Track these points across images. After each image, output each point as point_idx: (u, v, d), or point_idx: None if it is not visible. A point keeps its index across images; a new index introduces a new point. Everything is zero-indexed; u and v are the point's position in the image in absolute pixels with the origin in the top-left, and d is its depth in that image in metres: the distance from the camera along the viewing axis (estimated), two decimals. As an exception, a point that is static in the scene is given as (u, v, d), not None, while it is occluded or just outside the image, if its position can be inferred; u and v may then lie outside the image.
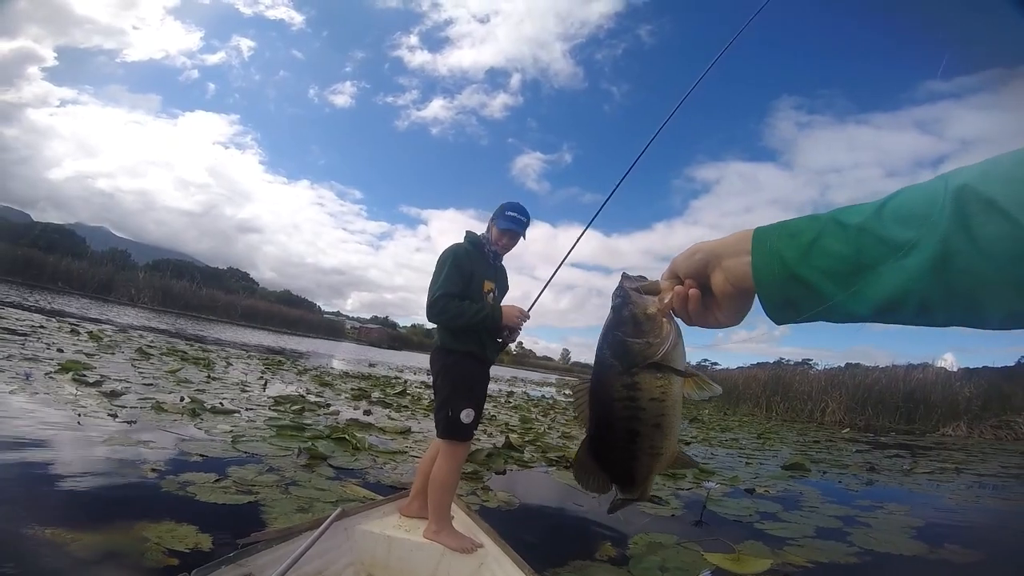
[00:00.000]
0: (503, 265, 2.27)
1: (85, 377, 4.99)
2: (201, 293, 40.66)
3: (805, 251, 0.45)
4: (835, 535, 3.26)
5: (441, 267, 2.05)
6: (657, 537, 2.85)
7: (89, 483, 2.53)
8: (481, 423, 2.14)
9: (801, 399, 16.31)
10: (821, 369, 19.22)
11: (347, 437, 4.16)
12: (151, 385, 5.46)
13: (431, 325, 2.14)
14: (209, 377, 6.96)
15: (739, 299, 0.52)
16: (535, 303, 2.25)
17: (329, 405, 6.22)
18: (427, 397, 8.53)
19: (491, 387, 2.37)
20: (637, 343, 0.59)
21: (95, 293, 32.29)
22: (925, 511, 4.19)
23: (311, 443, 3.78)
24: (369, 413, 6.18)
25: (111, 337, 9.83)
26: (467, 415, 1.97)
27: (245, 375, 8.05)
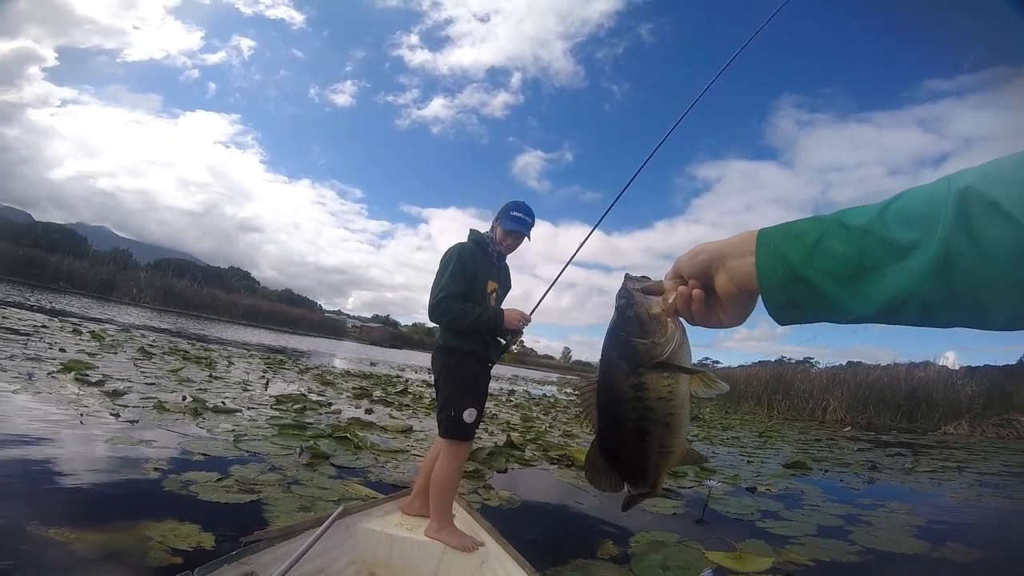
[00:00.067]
0: (506, 264, 2.27)
1: (87, 377, 5.00)
2: (202, 292, 40.69)
3: (809, 252, 0.45)
4: (837, 533, 3.26)
5: (445, 267, 2.05)
6: (659, 535, 2.86)
7: (92, 482, 2.54)
8: (482, 422, 2.14)
9: (802, 397, 16.27)
10: (822, 367, 19.16)
11: (349, 436, 4.17)
12: (153, 384, 5.47)
13: (432, 324, 2.14)
14: (211, 376, 6.98)
15: (743, 300, 0.53)
16: (536, 307, 2.24)
17: (331, 404, 6.23)
18: (428, 396, 8.54)
19: (492, 386, 2.37)
20: (643, 343, 0.59)
21: (97, 293, 32.36)
22: (927, 510, 4.19)
23: (313, 442, 3.79)
24: (371, 412, 6.19)
25: (113, 337, 9.86)
26: (470, 415, 1.97)
27: (247, 374, 8.06)
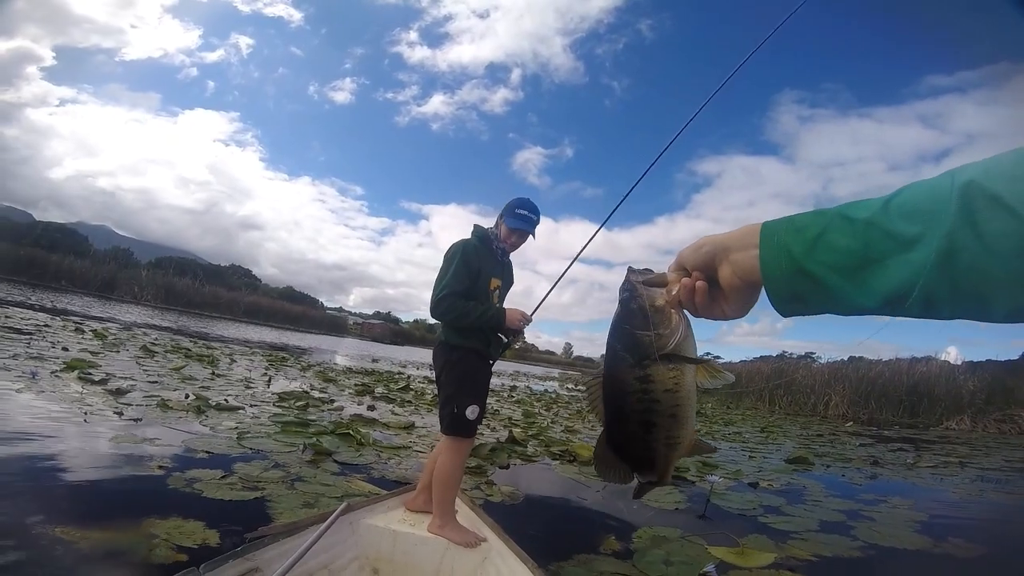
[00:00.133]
0: (510, 260, 2.26)
1: (90, 375, 5.02)
2: (204, 290, 40.83)
3: (812, 245, 0.46)
4: (839, 529, 3.26)
5: (448, 264, 2.04)
6: (661, 531, 2.86)
7: (96, 480, 2.55)
8: (484, 418, 2.15)
9: (804, 392, 16.27)
10: (824, 362, 19.16)
11: (351, 433, 4.18)
12: (156, 383, 5.49)
13: (433, 320, 2.14)
14: (213, 374, 6.99)
15: (746, 292, 0.53)
16: (538, 307, 2.25)
17: (333, 401, 6.25)
18: (430, 392, 8.56)
19: (494, 382, 2.37)
20: (647, 335, 0.59)
21: (98, 291, 32.45)
22: (929, 505, 4.19)
23: (316, 439, 3.80)
24: (373, 408, 6.21)
25: (115, 335, 9.88)
26: (472, 411, 1.97)
27: (249, 372, 8.08)
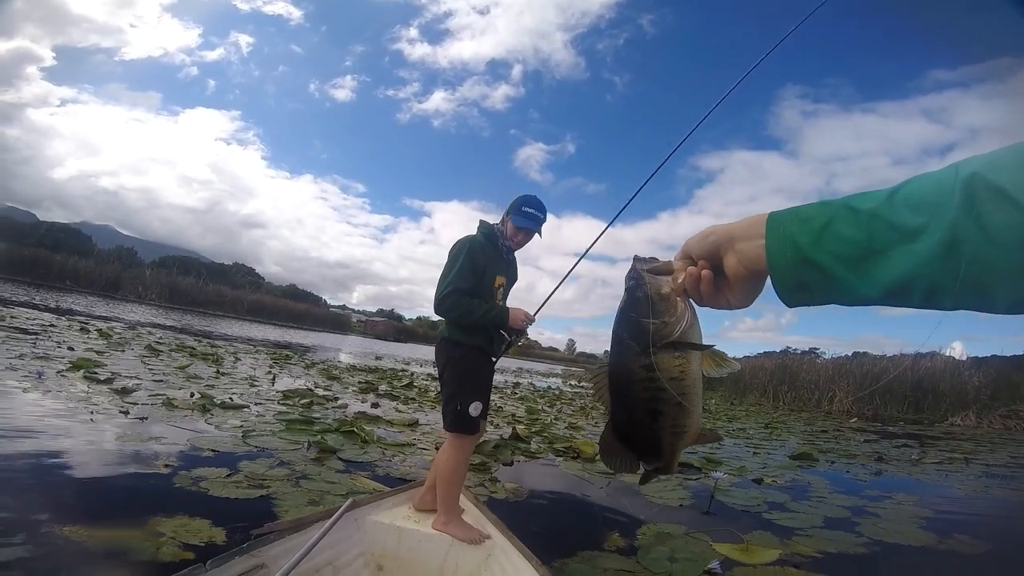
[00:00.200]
0: (514, 257, 2.26)
1: (96, 374, 5.05)
2: (207, 289, 40.92)
3: (817, 235, 0.46)
4: (844, 525, 3.26)
5: (454, 260, 2.04)
6: (665, 527, 2.87)
7: (103, 479, 2.57)
8: (488, 415, 2.15)
9: (808, 388, 16.22)
10: (828, 358, 19.15)
11: (356, 430, 4.20)
12: (161, 381, 5.52)
13: (436, 317, 2.14)
14: (218, 373, 7.03)
15: (751, 281, 0.53)
16: (541, 307, 2.25)
17: (337, 398, 6.27)
18: (434, 389, 8.58)
19: (496, 378, 2.37)
20: (653, 323, 0.59)
21: (103, 291, 32.60)
22: (934, 501, 4.18)
23: (320, 437, 3.82)
24: (377, 406, 6.23)
25: (120, 334, 9.94)
26: (475, 408, 1.97)
27: (253, 370, 8.12)
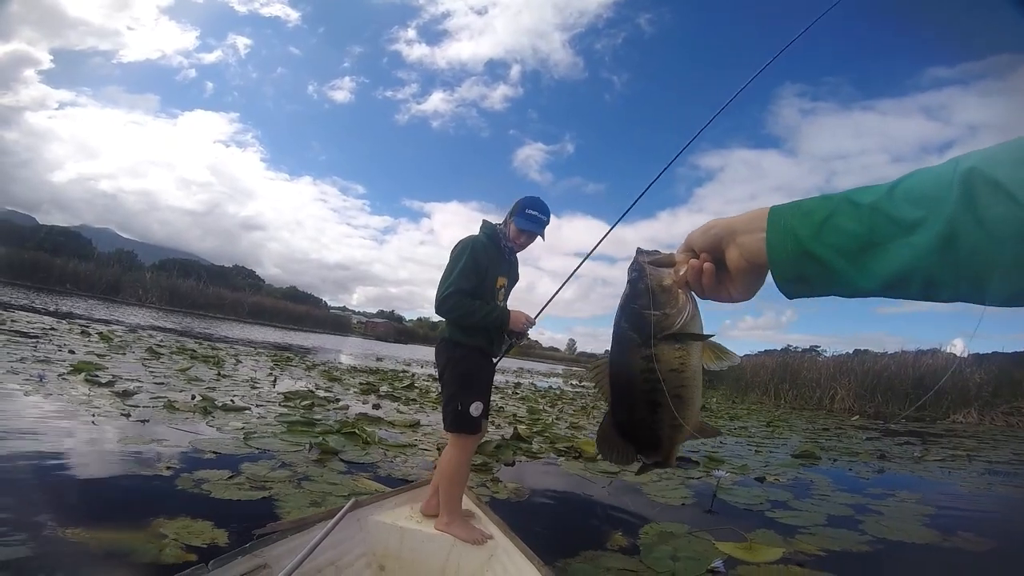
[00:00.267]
0: (516, 258, 2.25)
1: (97, 377, 5.05)
2: (208, 291, 40.95)
3: (818, 228, 0.47)
4: (847, 523, 3.25)
5: (456, 261, 2.03)
6: (668, 526, 2.86)
7: (105, 481, 2.57)
8: (489, 415, 2.15)
9: (809, 386, 16.24)
10: (829, 356, 19.18)
11: (357, 431, 4.20)
12: (162, 384, 5.52)
13: (437, 318, 2.14)
14: (219, 375, 7.03)
15: (753, 274, 0.54)
16: (542, 311, 2.25)
17: (338, 400, 6.26)
18: (435, 390, 8.57)
19: (497, 379, 2.37)
20: (654, 315, 0.59)
21: (103, 294, 32.61)
22: (937, 499, 4.17)
23: (322, 438, 3.81)
24: (378, 407, 6.22)
25: (121, 337, 9.94)
26: (476, 408, 1.97)
27: (254, 372, 8.11)
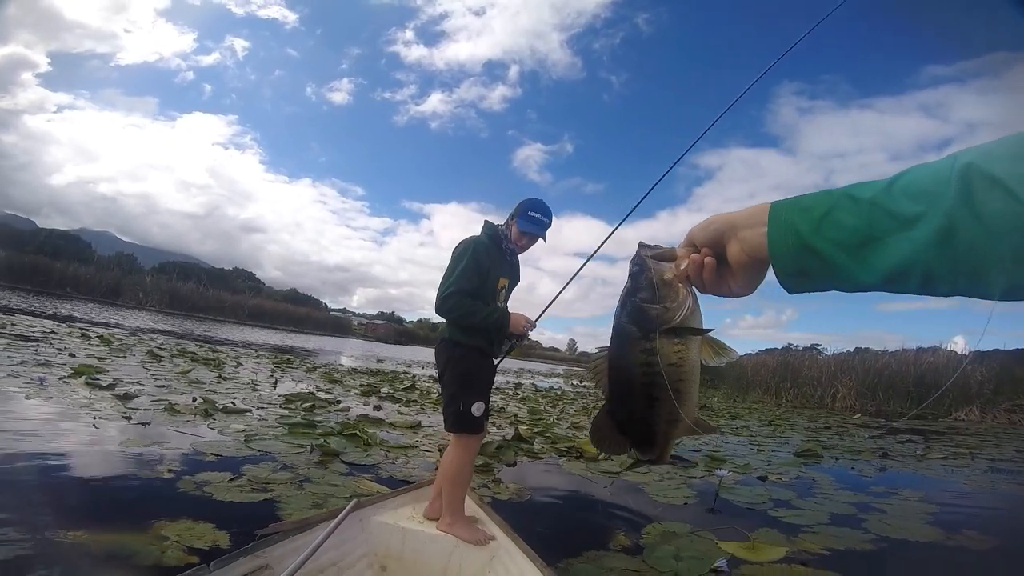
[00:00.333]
0: (518, 259, 2.25)
1: (98, 381, 5.05)
2: (208, 294, 40.88)
3: (818, 223, 0.47)
4: (850, 522, 3.25)
5: (457, 261, 2.03)
6: (671, 526, 2.86)
7: (107, 484, 2.56)
8: (490, 416, 2.14)
9: (811, 385, 16.20)
10: (830, 354, 19.13)
11: (358, 433, 4.19)
12: (163, 387, 5.51)
13: (437, 319, 2.14)
14: (220, 377, 7.02)
15: (753, 269, 0.54)
16: (542, 314, 2.25)
17: (339, 402, 6.26)
18: (436, 391, 8.57)
19: (498, 379, 2.37)
20: (655, 308, 0.59)
21: (103, 297, 32.58)
22: (940, 497, 4.16)
23: (323, 440, 3.81)
24: (379, 408, 6.22)
25: (122, 341, 9.94)
26: (477, 408, 1.97)
27: (255, 374, 8.11)
